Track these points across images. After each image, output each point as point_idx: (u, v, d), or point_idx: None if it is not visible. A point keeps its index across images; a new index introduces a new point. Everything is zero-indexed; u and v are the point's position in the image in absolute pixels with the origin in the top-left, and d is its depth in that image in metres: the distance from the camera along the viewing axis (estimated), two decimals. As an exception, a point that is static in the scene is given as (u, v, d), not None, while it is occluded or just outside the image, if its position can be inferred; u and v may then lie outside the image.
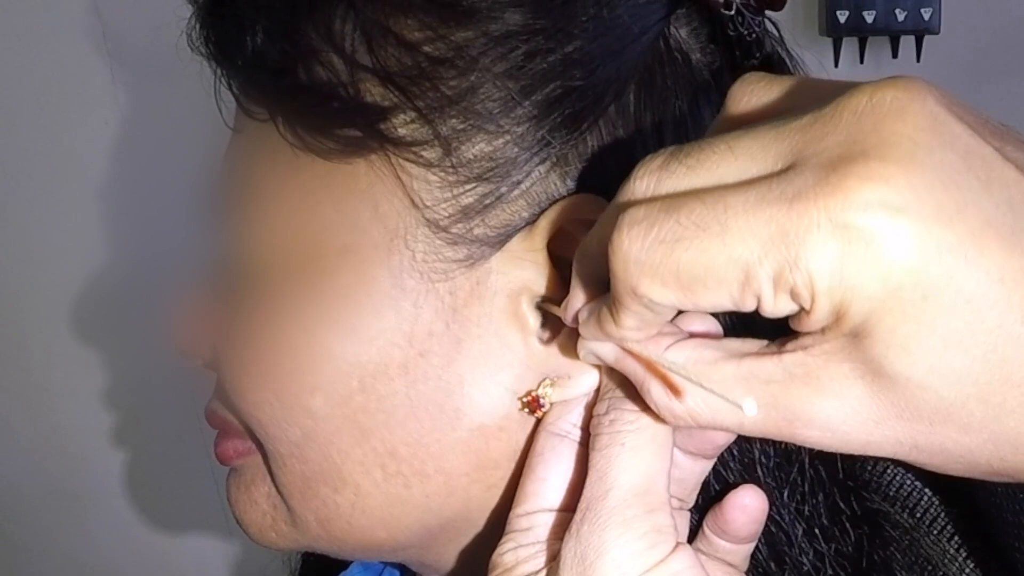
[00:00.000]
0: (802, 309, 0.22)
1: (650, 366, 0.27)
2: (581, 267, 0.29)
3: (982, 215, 0.21)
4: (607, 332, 0.27)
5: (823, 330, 0.23)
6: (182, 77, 0.36)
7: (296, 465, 0.34)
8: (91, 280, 0.85)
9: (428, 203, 0.32)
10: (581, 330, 0.29)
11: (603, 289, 0.27)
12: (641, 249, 0.23)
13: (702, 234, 0.22)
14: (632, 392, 0.29)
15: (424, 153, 0.32)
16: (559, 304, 0.30)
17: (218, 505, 0.89)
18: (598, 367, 0.31)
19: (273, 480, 0.35)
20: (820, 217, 0.21)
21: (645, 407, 0.28)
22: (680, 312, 0.27)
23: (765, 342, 0.26)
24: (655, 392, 0.26)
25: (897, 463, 0.36)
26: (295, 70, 0.33)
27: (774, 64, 0.36)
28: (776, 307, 0.22)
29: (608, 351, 0.28)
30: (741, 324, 0.29)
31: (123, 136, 0.81)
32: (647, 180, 0.25)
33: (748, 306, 0.23)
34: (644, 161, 0.25)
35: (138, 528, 0.92)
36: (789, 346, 0.24)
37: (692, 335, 0.28)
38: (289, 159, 0.33)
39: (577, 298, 0.29)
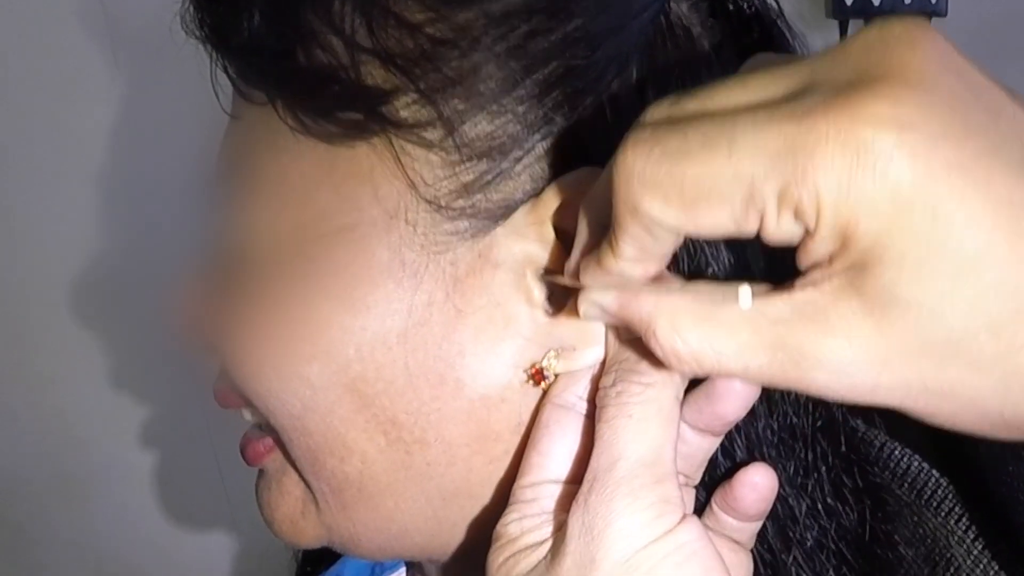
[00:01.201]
0: (807, 232, 0.22)
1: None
2: (588, 213, 0.28)
3: (989, 143, 0.21)
4: (606, 267, 0.26)
5: (831, 260, 0.22)
6: (185, 60, 0.36)
7: (301, 439, 0.34)
8: (94, 264, 0.84)
9: (429, 182, 0.32)
10: (582, 276, 0.28)
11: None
12: (645, 163, 0.23)
13: (708, 148, 0.22)
14: (641, 351, 0.29)
15: (426, 134, 0.31)
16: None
17: (221, 490, 0.89)
18: (606, 331, 0.31)
19: (291, 461, 0.35)
20: (829, 130, 0.21)
21: (650, 357, 0.28)
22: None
23: (772, 286, 0.25)
24: (660, 332, 0.26)
25: (906, 440, 0.36)
26: (294, 53, 0.32)
27: (774, 37, 0.36)
28: (780, 227, 0.22)
29: (610, 300, 0.28)
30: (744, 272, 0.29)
31: (125, 119, 0.80)
32: (657, 114, 0.25)
33: (750, 227, 0.23)
34: (657, 101, 0.25)
35: (141, 513, 0.92)
36: (798, 283, 0.24)
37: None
38: (289, 143, 0.33)
39: (581, 247, 0.28)
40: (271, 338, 0.33)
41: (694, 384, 0.31)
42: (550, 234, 0.32)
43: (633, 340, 0.30)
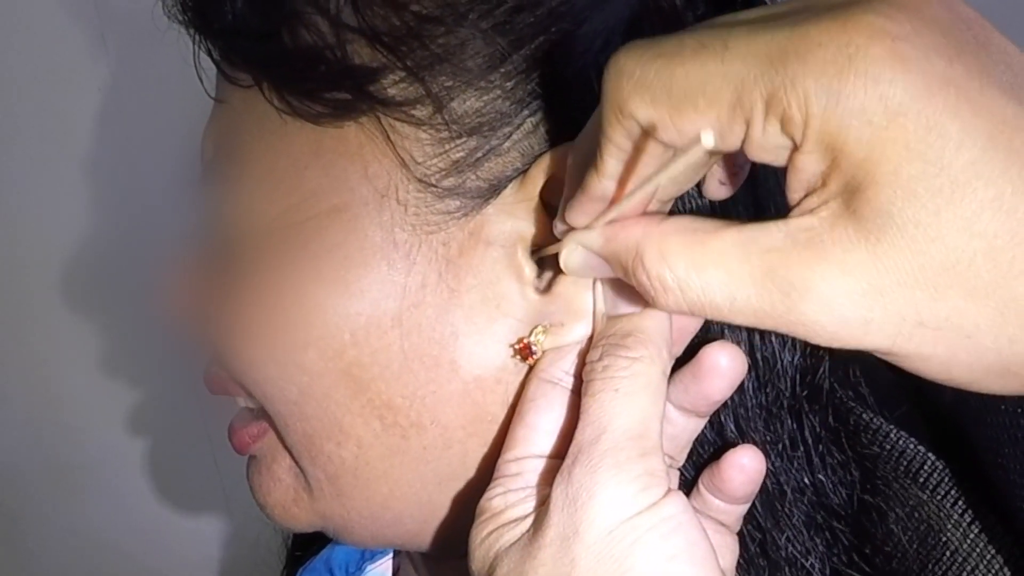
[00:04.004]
0: (794, 148, 0.22)
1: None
2: (577, 156, 0.28)
3: (980, 64, 0.21)
4: (590, 191, 0.26)
5: (825, 182, 0.22)
6: (172, 44, 0.36)
7: (297, 424, 0.34)
8: (89, 250, 0.84)
9: (419, 160, 0.31)
10: (567, 212, 0.28)
11: None
12: (637, 63, 0.23)
13: (701, 50, 0.22)
14: (627, 326, 0.28)
15: (414, 112, 0.31)
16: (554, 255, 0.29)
17: (215, 476, 0.89)
18: (594, 307, 0.31)
19: (287, 447, 0.35)
20: (821, 37, 0.21)
21: (637, 299, 0.27)
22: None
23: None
24: (648, 259, 0.25)
25: (901, 424, 0.35)
26: (279, 34, 0.32)
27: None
28: (765, 137, 0.22)
29: (595, 236, 0.27)
30: None
31: (114, 103, 0.80)
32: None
33: (735, 136, 0.22)
34: None
35: (135, 500, 0.92)
36: (794, 212, 0.23)
37: None
38: (276, 125, 0.33)
39: (568, 191, 0.28)
40: (266, 326, 0.33)
41: (681, 364, 0.30)
42: (539, 210, 0.31)
43: (620, 316, 0.30)
